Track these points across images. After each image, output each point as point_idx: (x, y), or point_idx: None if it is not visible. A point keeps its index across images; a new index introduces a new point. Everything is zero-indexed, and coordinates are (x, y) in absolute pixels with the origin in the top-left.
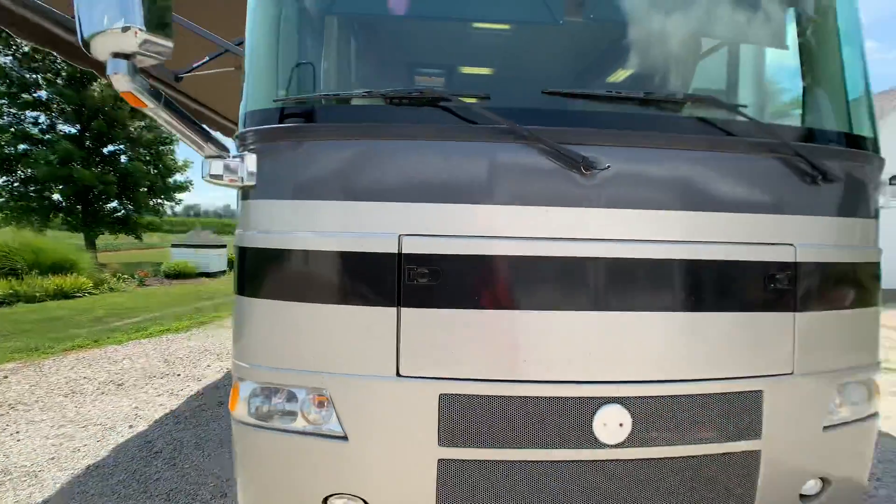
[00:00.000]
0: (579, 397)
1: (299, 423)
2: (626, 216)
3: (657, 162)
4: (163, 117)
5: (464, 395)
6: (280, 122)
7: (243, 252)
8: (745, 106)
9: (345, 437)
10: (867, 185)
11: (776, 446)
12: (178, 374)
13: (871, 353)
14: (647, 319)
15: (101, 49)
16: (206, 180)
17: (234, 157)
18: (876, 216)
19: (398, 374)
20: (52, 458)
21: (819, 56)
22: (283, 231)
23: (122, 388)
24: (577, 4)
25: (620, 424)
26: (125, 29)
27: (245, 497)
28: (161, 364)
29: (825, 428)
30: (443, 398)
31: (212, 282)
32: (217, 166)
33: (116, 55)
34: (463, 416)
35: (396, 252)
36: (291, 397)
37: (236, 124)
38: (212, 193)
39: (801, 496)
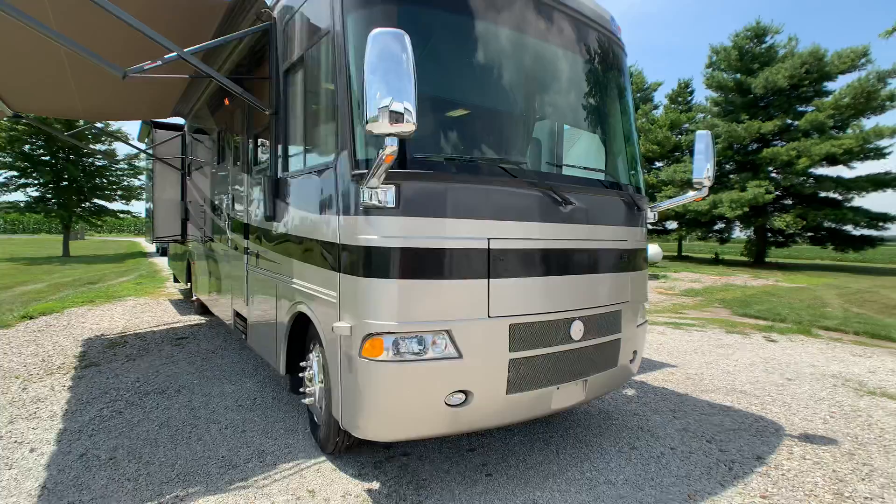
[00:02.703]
0: (564, 318)
1: (429, 354)
2: (578, 227)
3: (588, 201)
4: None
5: (521, 323)
6: (416, 169)
7: (378, 250)
8: (615, 175)
9: (459, 357)
10: (644, 211)
11: (625, 336)
12: None
13: (646, 292)
14: (588, 278)
15: (376, 129)
16: (364, 203)
17: (381, 188)
18: (646, 226)
19: (489, 316)
20: None
21: (633, 149)
22: (420, 236)
23: None
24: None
25: (580, 329)
26: (403, 120)
27: (376, 415)
28: None
29: (637, 326)
30: (511, 326)
31: None
32: (372, 194)
33: (389, 135)
34: (520, 335)
35: (487, 248)
36: (422, 340)
37: None
38: None
39: (630, 360)
